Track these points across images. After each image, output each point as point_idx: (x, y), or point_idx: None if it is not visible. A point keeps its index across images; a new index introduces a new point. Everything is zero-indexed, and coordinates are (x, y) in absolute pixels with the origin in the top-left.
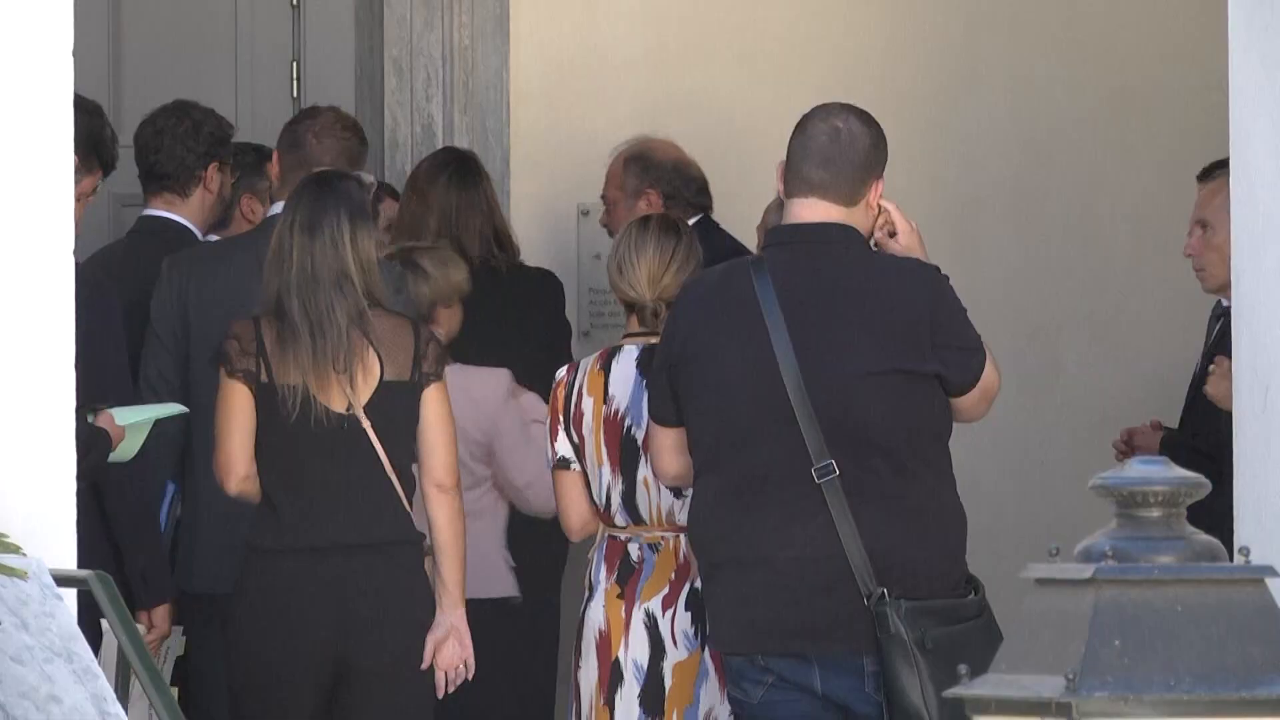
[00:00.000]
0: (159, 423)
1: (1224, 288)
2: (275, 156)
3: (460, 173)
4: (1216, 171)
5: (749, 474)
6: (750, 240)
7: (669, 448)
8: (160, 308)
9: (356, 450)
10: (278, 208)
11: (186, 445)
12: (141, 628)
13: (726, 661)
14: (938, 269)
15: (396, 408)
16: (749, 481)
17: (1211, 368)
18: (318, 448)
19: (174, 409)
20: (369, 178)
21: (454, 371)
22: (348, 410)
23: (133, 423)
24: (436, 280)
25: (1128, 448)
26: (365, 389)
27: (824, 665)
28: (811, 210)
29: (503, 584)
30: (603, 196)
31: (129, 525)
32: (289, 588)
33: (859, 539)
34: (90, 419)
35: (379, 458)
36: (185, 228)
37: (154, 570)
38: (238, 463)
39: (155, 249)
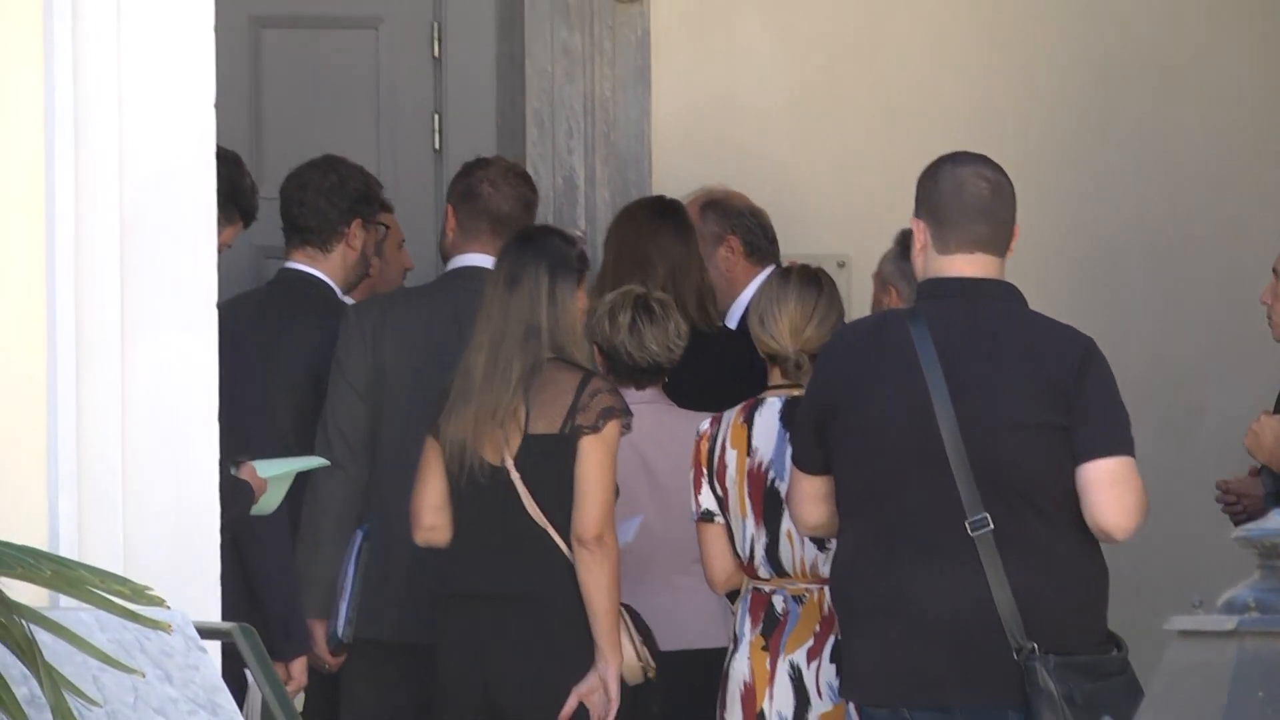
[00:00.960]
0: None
1: None
2: (449, 210)
3: (681, 225)
4: None
5: (898, 522)
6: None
7: (811, 496)
8: (350, 356)
9: (510, 502)
10: (463, 260)
11: (373, 493)
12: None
13: (866, 713)
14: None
15: (544, 461)
16: (898, 530)
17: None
18: (477, 500)
19: (315, 461)
20: (578, 233)
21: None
22: (501, 463)
23: (274, 475)
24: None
25: (1235, 498)
26: (516, 441)
27: (969, 718)
28: (973, 265)
29: (718, 634)
30: None
31: (269, 576)
32: (448, 635)
33: (1010, 592)
34: (233, 471)
35: (529, 510)
36: (324, 283)
37: (294, 622)
38: (422, 513)
39: (291, 302)
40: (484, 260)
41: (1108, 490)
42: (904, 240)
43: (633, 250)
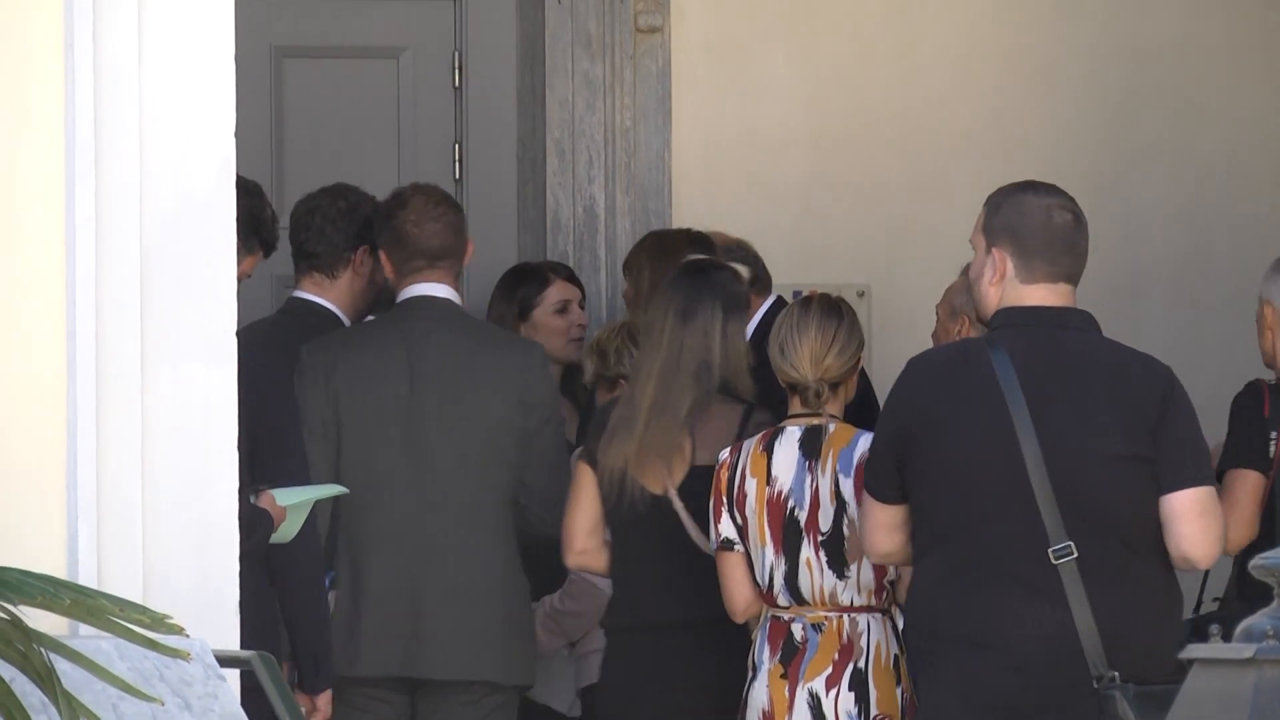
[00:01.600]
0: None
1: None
2: (382, 254)
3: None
4: None
5: (981, 552)
6: (905, 321)
7: (886, 525)
8: (305, 397)
9: (673, 531)
10: (411, 291)
11: (341, 533)
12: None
13: None
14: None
15: (708, 490)
16: (980, 559)
17: None
18: (637, 527)
19: (333, 490)
20: (745, 270)
21: None
22: (663, 492)
23: (293, 504)
24: None
25: None
26: (679, 472)
27: None
28: (1055, 294)
29: None
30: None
31: (303, 612)
32: (615, 664)
33: (1092, 620)
34: (252, 499)
35: (693, 537)
36: (331, 313)
37: (324, 657)
38: (574, 537)
39: (297, 332)
40: (431, 289)
41: (1196, 521)
42: None
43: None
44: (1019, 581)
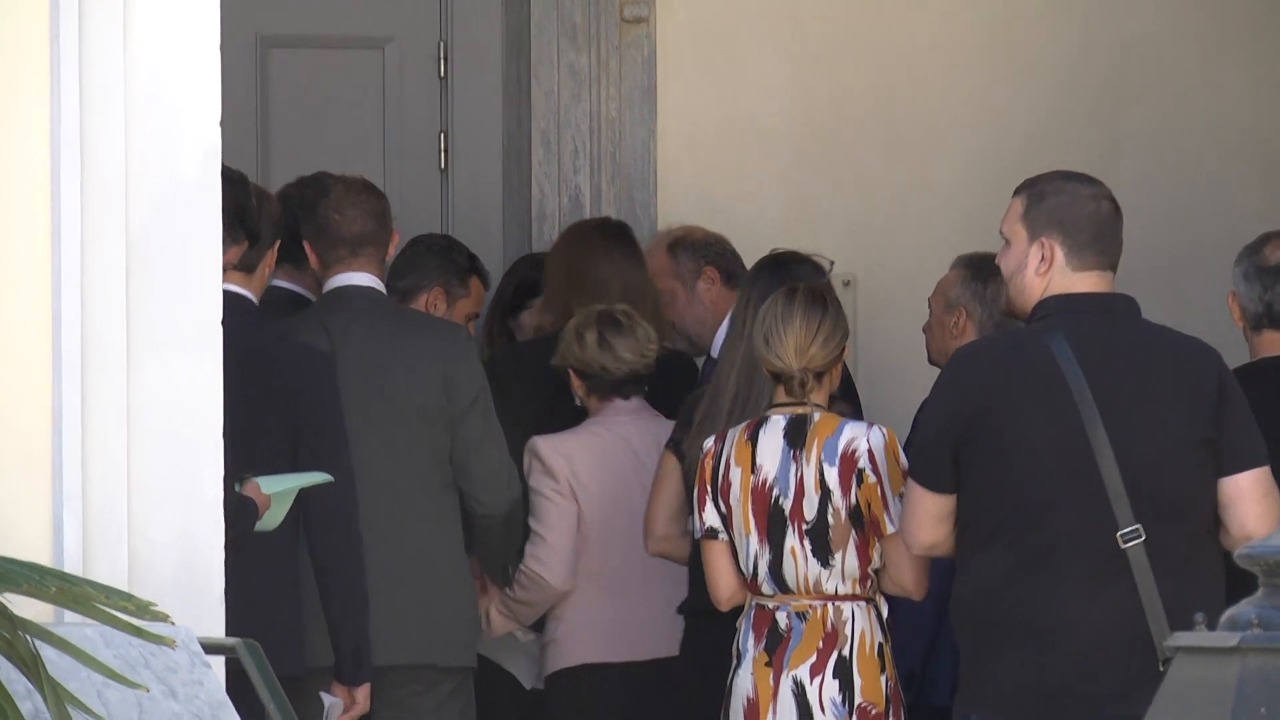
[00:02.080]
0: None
1: None
2: (306, 245)
3: (634, 248)
4: None
5: (1045, 541)
6: (891, 310)
7: (935, 515)
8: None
9: None
10: (336, 281)
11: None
12: (335, 699)
13: None
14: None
15: None
16: (1045, 548)
17: None
18: None
19: (318, 477)
20: (826, 262)
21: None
22: None
23: (277, 492)
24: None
25: None
26: None
27: None
28: (1100, 281)
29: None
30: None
31: (345, 602)
32: (691, 647)
33: (1160, 604)
34: (237, 488)
35: None
36: (307, 299)
37: (365, 648)
38: (655, 524)
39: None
40: (354, 278)
41: (1261, 501)
42: (973, 264)
43: (586, 272)
44: (1086, 569)
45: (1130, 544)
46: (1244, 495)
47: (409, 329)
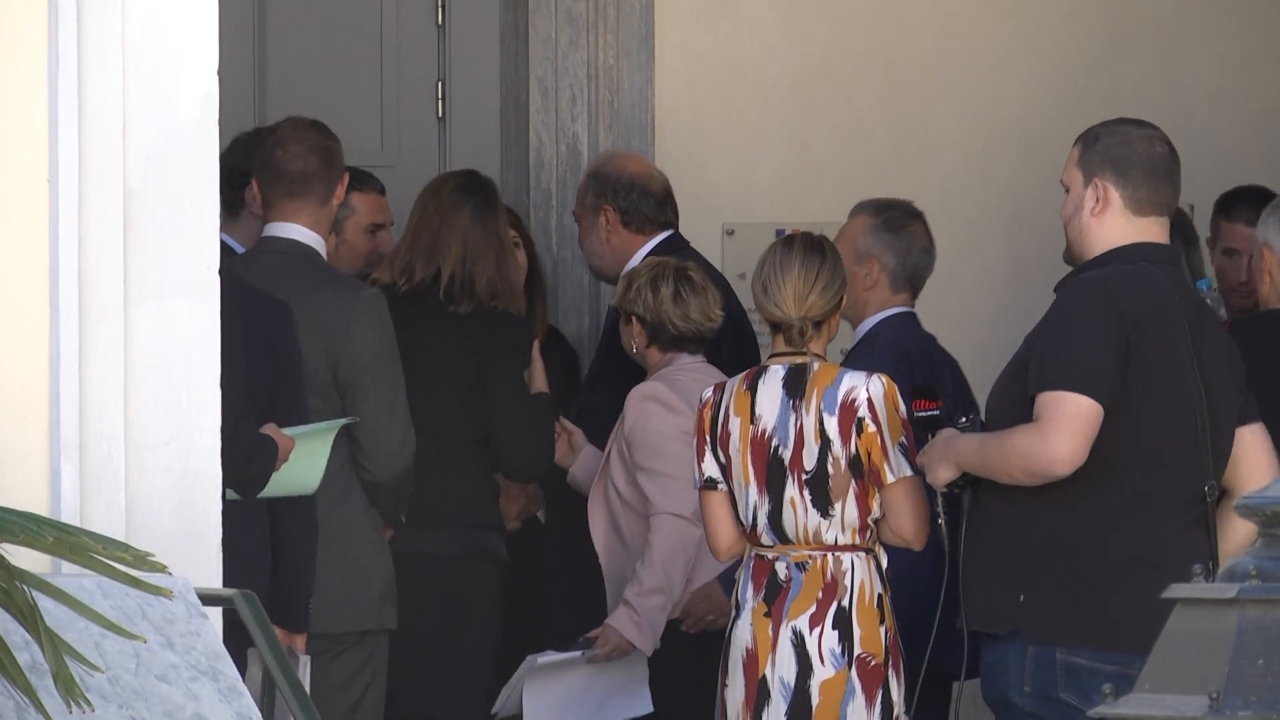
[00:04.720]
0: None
1: None
2: (255, 186)
3: (481, 205)
4: None
5: (1161, 481)
6: None
7: (1090, 422)
8: None
9: None
10: (270, 231)
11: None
12: (305, 655)
13: (1103, 658)
14: None
15: None
16: (1159, 488)
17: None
18: None
19: (339, 422)
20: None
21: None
22: None
23: (303, 434)
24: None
25: None
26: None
27: None
28: (1161, 229)
29: None
30: (574, 213)
31: (298, 556)
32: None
33: (1219, 554)
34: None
35: None
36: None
37: (308, 597)
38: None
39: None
40: (283, 229)
41: (1271, 454)
42: (881, 211)
43: (431, 227)
44: (1187, 514)
45: (1213, 496)
46: (1262, 445)
47: (306, 293)
